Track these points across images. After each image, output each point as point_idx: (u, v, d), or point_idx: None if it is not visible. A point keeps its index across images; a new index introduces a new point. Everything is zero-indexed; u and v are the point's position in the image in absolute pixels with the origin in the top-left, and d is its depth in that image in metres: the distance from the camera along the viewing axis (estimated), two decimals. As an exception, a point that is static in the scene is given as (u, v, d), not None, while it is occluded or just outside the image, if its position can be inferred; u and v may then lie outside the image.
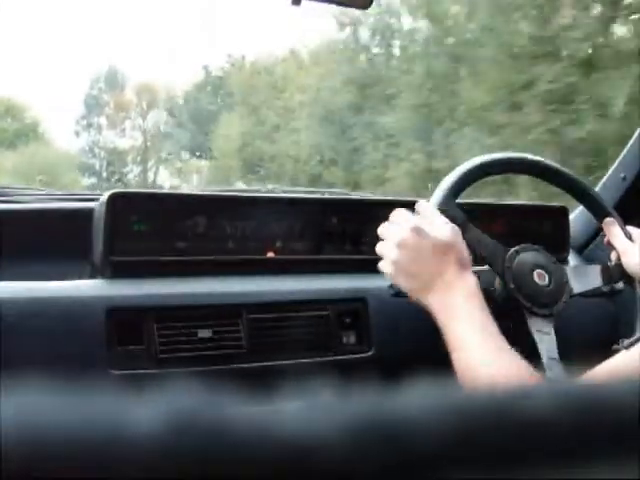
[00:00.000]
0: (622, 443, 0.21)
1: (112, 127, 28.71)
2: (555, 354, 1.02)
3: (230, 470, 0.17)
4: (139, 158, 28.48)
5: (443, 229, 0.95)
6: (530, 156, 1.16)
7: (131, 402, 0.18)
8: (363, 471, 0.18)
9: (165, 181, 27.45)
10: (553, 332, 1.04)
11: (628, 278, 1.10)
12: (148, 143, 28.13)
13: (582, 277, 1.11)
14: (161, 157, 27.97)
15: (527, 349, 1.05)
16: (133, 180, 27.31)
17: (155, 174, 27.54)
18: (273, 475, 0.18)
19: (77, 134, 28.70)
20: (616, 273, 1.10)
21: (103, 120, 29.04)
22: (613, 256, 1.12)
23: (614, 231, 1.11)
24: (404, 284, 0.96)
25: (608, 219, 1.13)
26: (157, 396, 0.19)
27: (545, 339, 1.03)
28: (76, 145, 28.80)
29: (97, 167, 28.38)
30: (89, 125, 28.64)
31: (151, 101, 27.83)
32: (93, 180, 27.74)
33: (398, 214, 0.99)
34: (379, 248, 0.98)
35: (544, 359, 1.01)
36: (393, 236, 0.96)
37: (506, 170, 1.17)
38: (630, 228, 1.13)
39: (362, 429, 0.19)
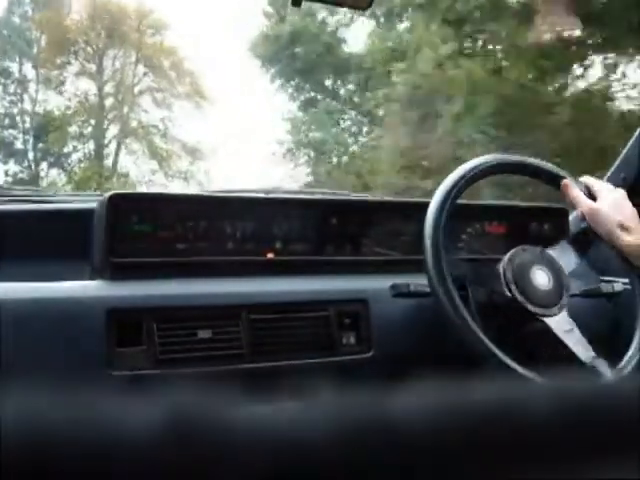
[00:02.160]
0: (622, 443, 0.21)
1: (45, 78, 15.31)
2: (591, 352, 1.03)
3: (229, 470, 0.17)
4: (89, 128, 15.44)
5: None
6: (528, 158, 1.15)
7: (130, 403, 0.19)
8: (361, 471, 0.18)
9: (131, 167, 15.56)
10: (575, 326, 1.05)
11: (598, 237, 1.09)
12: (106, 101, 15.41)
13: (564, 257, 1.11)
14: (129, 125, 15.44)
15: (527, 351, 1.06)
16: (78, 167, 15.34)
17: (117, 154, 15.29)
18: (272, 474, 0.18)
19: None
20: (588, 235, 1.10)
21: (29, 67, 15.56)
22: (577, 214, 1.10)
23: (573, 192, 1.08)
24: None
25: (564, 181, 1.09)
26: (156, 397, 0.19)
27: (573, 338, 1.04)
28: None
29: (20, 144, 15.32)
30: (5, 75, 15.35)
31: (112, 29, 14.80)
32: (13, 167, 15.09)
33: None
34: None
35: (585, 360, 1.02)
36: None
37: (504, 171, 1.17)
38: (592, 182, 1.09)
39: (360, 429, 0.19)
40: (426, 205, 1.05)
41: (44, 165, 15.88)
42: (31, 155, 15.76)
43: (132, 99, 15.60)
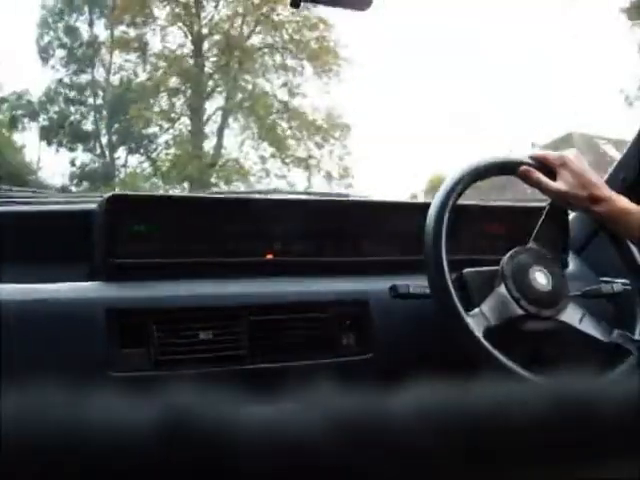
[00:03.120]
0: (622, 443, 0.21)
1: (122, 38, 10.68)
2: (609, 330, 1.05)
3: (227, 468, 0.17)
4: (182, 100, 10.49)
5: None
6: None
7: (130, 403, 0.19)
8: (360, 472, 0.18)
9: (237, 151, 10.50)
10: (587, 313, 1.06)
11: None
12: (206, 63, 10.51)
13: (549, 234, 1.11)
14: (237, 96, 10.48)
15: (528, 352, 1.06)
16: (166, 153, 10.63)
17: (220, 135, 10.67)
18: (271, 473, 0.18)
19: (44, 57, 10.96)
20: (560, 207, 1.10)
21: (101, 24, 11.03)
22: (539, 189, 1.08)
23: (533, 178, 1.05)
24: None
25: (521, 168, 1.06)
26: (156, 398, 0.19)
27: (589, 324, 1.05)
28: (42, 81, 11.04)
29: (90, 124, 10.76)
30: (72, 35, 10.91)
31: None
32: (82, 155, 10.71)
33: None
34: None
35: (607, 340, 1.03)
36: None
37: (503, 172, 1.17)
38: (544, 157, 1.07)
39: (360, 431, 0.19)
40: (426, 206, 1.05)
41: (121, 151, 10.96)
42: (105, 139, 10.83)
43: (241, 60, 10.34)
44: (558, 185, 1.04)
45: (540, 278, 1.06)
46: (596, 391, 0.23)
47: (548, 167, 1.06)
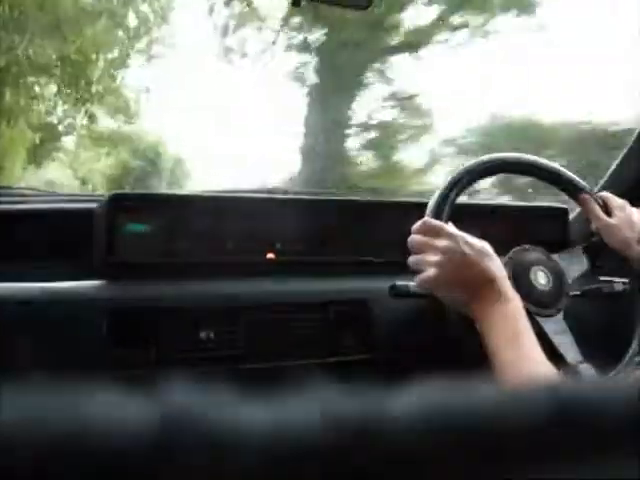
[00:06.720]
0: (622, 442, 0.21)
1: None
2: (579, 356, 1.03)
3: (225, 467, 0.18)
4: None
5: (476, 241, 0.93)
6: (525, 155, 1.15)
7: (129, 402, 0.19)
8: (359, 472, 0.18)
9: None
10: (568, 330, 1.05)
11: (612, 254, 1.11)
12: None
13: (576, 262, 1.13)
14: None
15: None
16: None
17: None
18: (270, 472, 0.18)
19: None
20: (599, 249, 1.12)
21: None
22: (593, 228, 1.14)
23: (591, 207, 1.12)
24: (447, 295, 0.91)
25: (584, 195, 1.13)
26: (155, 397, 0.19)
27: (563, 340, 1.04)
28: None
29: None
30: None
31: None
32: None
33: (427, 226, 0.95)
34: (414, 261, 0.95)
35: (572, 363, 1.03)
36: (431, 249, 0.93)
37: (503, 170, 1.16)
38: (610, 199, 1.13)
39: (359, 431, 0.19)
40: (427, 205, 1.05)
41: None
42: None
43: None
44: (610, 219, 1.11)
45: (540, 278, 1.06)
46: (597, 391, 0.23)
47: (607, 206, 1.13)
